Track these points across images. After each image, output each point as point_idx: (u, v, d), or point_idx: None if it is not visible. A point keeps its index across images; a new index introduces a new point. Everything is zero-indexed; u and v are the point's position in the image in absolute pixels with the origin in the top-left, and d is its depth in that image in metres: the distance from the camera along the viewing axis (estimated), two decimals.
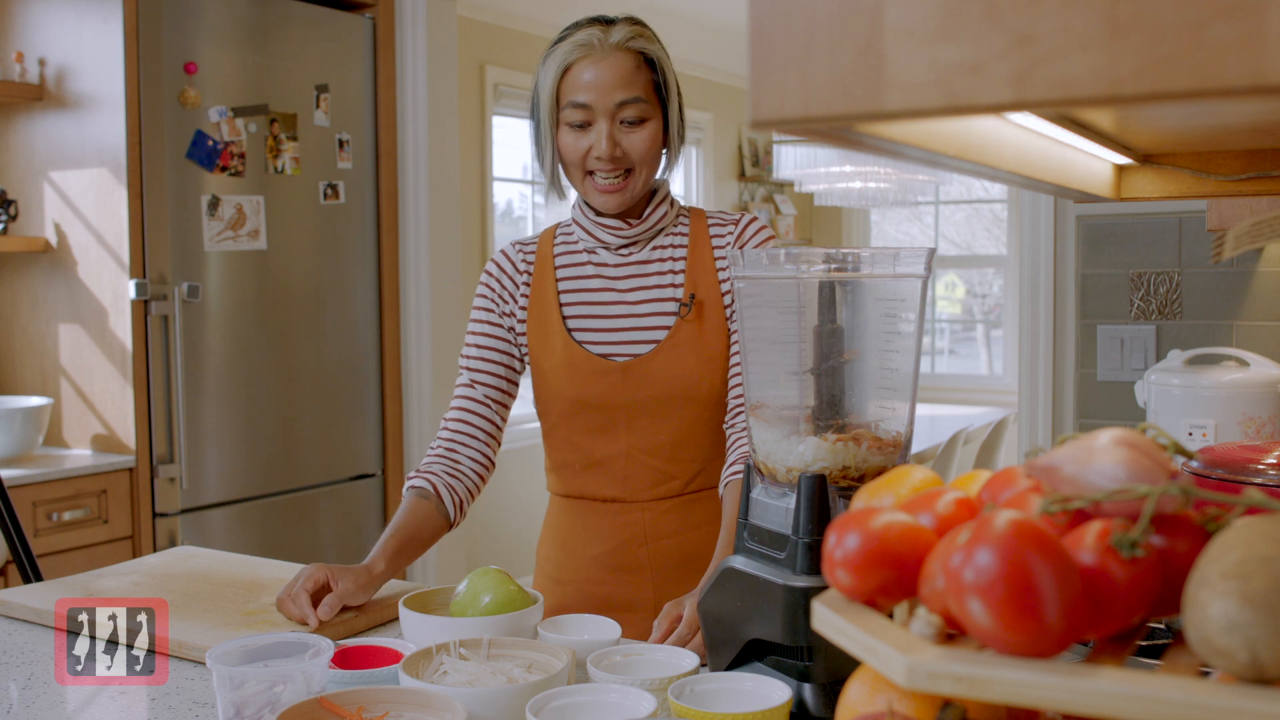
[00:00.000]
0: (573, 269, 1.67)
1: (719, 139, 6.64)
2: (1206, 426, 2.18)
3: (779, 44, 0.55)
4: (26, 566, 1.72)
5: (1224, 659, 0.56)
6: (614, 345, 1.62)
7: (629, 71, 1.55)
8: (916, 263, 1.10)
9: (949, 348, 7.37)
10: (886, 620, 0.69)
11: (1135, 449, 0.67)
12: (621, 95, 1.55)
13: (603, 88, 1.54)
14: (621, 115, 1.55)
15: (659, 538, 1.60)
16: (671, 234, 1.66)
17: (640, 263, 1.65)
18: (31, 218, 3.09)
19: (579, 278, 1.66)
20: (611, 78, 1.54)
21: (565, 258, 1.68)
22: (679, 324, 1.59)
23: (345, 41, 3.46)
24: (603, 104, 1.54)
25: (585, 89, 1.55)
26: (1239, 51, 0.46)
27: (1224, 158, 1.18)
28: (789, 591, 1.03)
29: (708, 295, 1.61)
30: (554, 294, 1.66)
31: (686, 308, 1.60)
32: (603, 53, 1.55)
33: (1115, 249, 2.67)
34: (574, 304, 1.65)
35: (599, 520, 1.62)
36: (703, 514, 1.61)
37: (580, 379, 1.61)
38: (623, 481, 1.61)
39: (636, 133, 1.56)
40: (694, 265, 1.63)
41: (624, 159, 1.57)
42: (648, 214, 1.64)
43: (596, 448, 1.62)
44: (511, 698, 1.01)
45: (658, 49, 1.60)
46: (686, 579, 1.58)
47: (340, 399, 3.48)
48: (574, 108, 1.56)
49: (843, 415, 1.11)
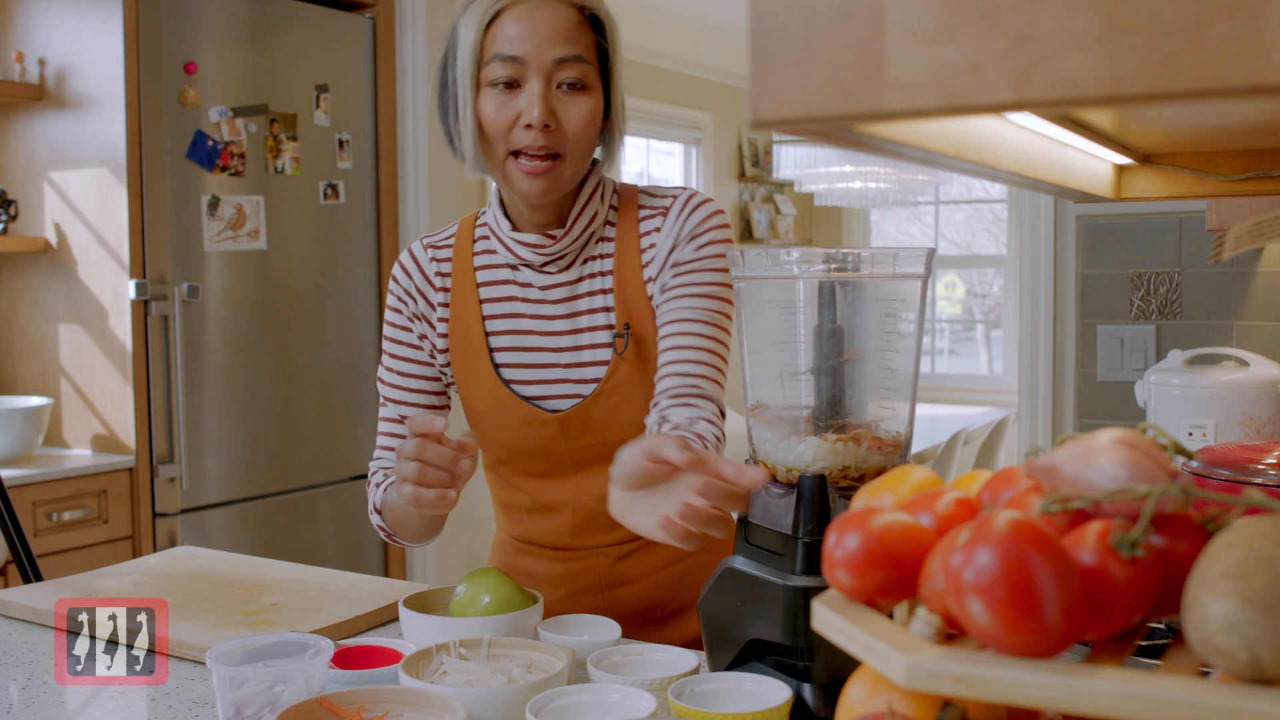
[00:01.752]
0: (495, 287, 1.41)
1: (719, 139, 6.64)
2: (1206, 426, 2.18)
3: (779, 44, 0.55)
4: (26, 566, 1.72)
5: (1224, 659, 0.56)
6: (547, 386, 1.39)
7: (571, 25, 1.29)
8: (916, 263, 1.10)
9: (949, 348, 7.37)
10: (886, 620, 0.69)
11: (1135, 449, 0.67)
12: (561, 50, 1.28)
13: (539, 39, 1.27)
14: (560, 75, 1.28)
15: (616, 585, 1.44)
16: (603, 238, 1.39)
17: (570, 283, 1.39)
18: (31, 218, 3.09)
19: (502, 299, 1.41)
20: (550, 29, 1.28)
21: (487, 272, 1.42)
22: (616, 363, 1.36)
23: (345, 41, 3.46)
24: (539, 58, 1.27)
25: (517, 40, 1.27)
26: (1239, 51, 0.46)
27: (1224, 158, 1.18)
28: (789, 591, 1.03)
29: (641, 319, 1.36)
30: (478, 321, 1.40)
31: (624, 341, 1.35)
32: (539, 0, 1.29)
33: (1115, 249, 2.67)
34: (500, 333, 1.40)
35: (551, 568, 1.45)
36: (666, 556, 1.43)
37: (513, 427, 1.39)
38: (573, 530, 1.42)
39: (576, 101, 1.29)
40: (622, 282, 1.37)
41: (557, 134, 1.29)
42: (573, 219, 1.36)
43: (542, 492, 1.42)
44: (511, 698, 1.01)
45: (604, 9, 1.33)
46: (651, 628, 1.44)
47: (340, 399, 3.48)
48: (501, 61, 1.27)
49: (843, 415, 1.11)
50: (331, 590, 1.51)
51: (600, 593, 1.45)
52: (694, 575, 1.45)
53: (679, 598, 1.45)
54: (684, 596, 1.45)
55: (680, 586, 1.45)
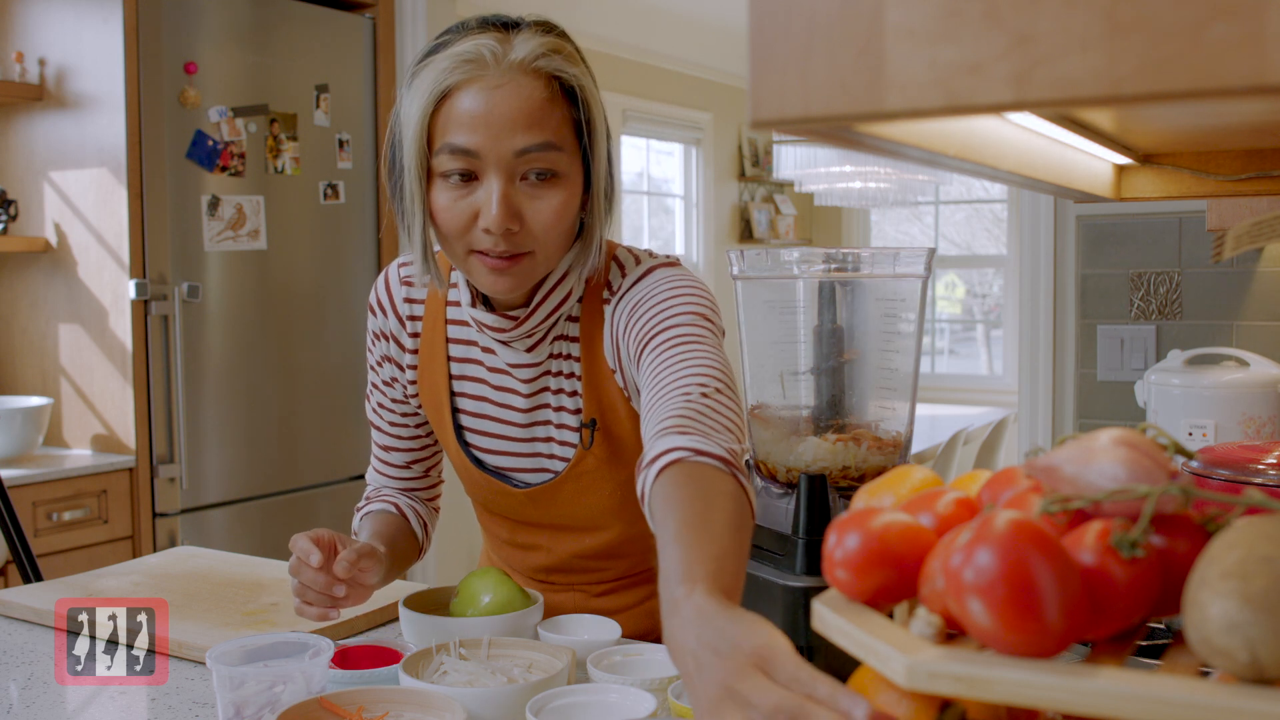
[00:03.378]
0: (464, 346, 1.30)
1: (719, 139, 6.64)
2: (1206, 426, 2.18)
3: (779, 44, 0.55)
4: (26, 566, 1.72)
5: (1224, 659, 0.56)
6: (514, 459, 1.30)
7: (537, 104, 1.09)
8: (916, 263, 1.10)
9: (949, 348, 7.37)
10: (886, 620, 0.69)
11: (1135, 449, 0.67)
12: (524, 140, 1.09)
13: (497, 127, 1.08)
14: (523, 167, 1.10)
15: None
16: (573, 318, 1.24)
17: (535, 364, 1.25)
18: (31, 218, 3.09)
19: (470, 361, 1.30)
20: (510, 112, 1.08)
21: (457, 328, 1.30)
22: (580, 454, 1.24)
23: (345, 41, 3.46)
24: (496, 151, 1.09)
25: (470, 127, 1.09)
26: (1239, 51, 0.46)
27: (1224, 158, 1.18)
28: (789, 591, 1.03)
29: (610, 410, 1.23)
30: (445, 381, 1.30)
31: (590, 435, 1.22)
32: (499, 74, 1.09)
33: (1115, 249, 2.67)
34: (467, 395, 1.30)
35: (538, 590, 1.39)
36: (648, 590, 1.39)
37: (481, 493, 1.33)
38: (548, 570, 1.39)
39: (544, 195, 1.11)
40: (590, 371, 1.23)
41: (522, 235, 1.11)
42: (536, 304, 1.19)
43: (519, 534, 1.37)
44: (511, 698, 1.01)
45: (581, 72, 1.13)
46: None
47: (340, 399, 3.48)
48: (453, 154, 1.09)
49: (843, 415, 1.11)
50: None
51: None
52: None
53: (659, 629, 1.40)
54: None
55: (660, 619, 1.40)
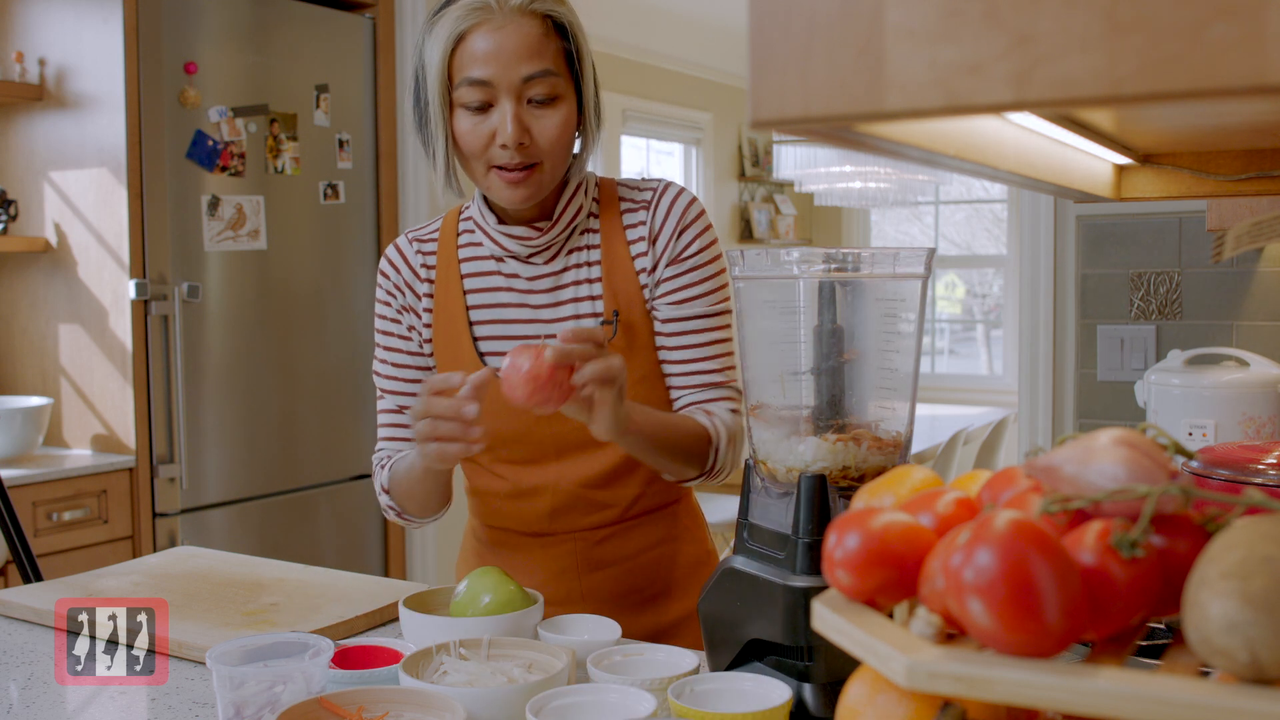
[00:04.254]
0: (480, 278, 1.44)
1: (719, 139, 6.64)
2: (1206, 426, 2.18)
3: (779, 44, 0.55)
4: (26, 566, 1.72)
5: (1224, 659, 0.56)
6: None
7: (535, 39, 1.30)
8: (916, 263, 1.10)
9: (949, 348, 7.37)
10: (886, 620, 0.69)
11: (1135, 449, 0.67)
12: (528, 68, 1.29)
13: (505, 59, 1.29)
14: (529, 92, 1.30)
15: (593, 570, 1.45)
16: (587, 229, 1.43)
17: (555, 274, 1.42)
18: (31, 218, 3.09)
19: (487, 290, 1.44)
20: (515, 47, 1.29)
21: (472, 264, 1.45)
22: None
23: (345, 41, 3.46)
24: (506, 79, 1.29)
25: (483, 62, 1.29)
26: (1239, 51, 0.46)
27: (1224, 158, 1.18)
28: (789, 591, 1.03)
29: (630, 305, 1.40)
30: (462, 312, 1.43)
31: (613, 327, 1.38)
32: (503, 17, 1.29)
33: (1115, 249, 2.67)
34: (485, 321, 1.43)
35: (528, 553, 1.47)
36: (643, 541, 1.46)
37: (497, 414, 1.36)
38: (551, 515, 1.44)
39: (548, 114, 1.32)
40: (610, 270, 1.40)
41: (532, 148, 1.32)
42: (559, 213, 1.40)
43: (522, 478, 1.43)
44: (511, 698, 1.01)
45: (569, 11, 1.35)
46: (630, 612, 1.44)
47: (340, 399, 3.48)
48: (471, 85, 1.30)
49: (843, 415, 1.11)
50: (331, 590, 1.51)
51: (578, 577, 1.46)
52: (671, 560, 1.48)
53: (656, 583, 1.47)
54: (661, 582, 1.48)
55: (657, 571, 1.47)
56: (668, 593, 1.48)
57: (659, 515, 1.47)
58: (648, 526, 1.46)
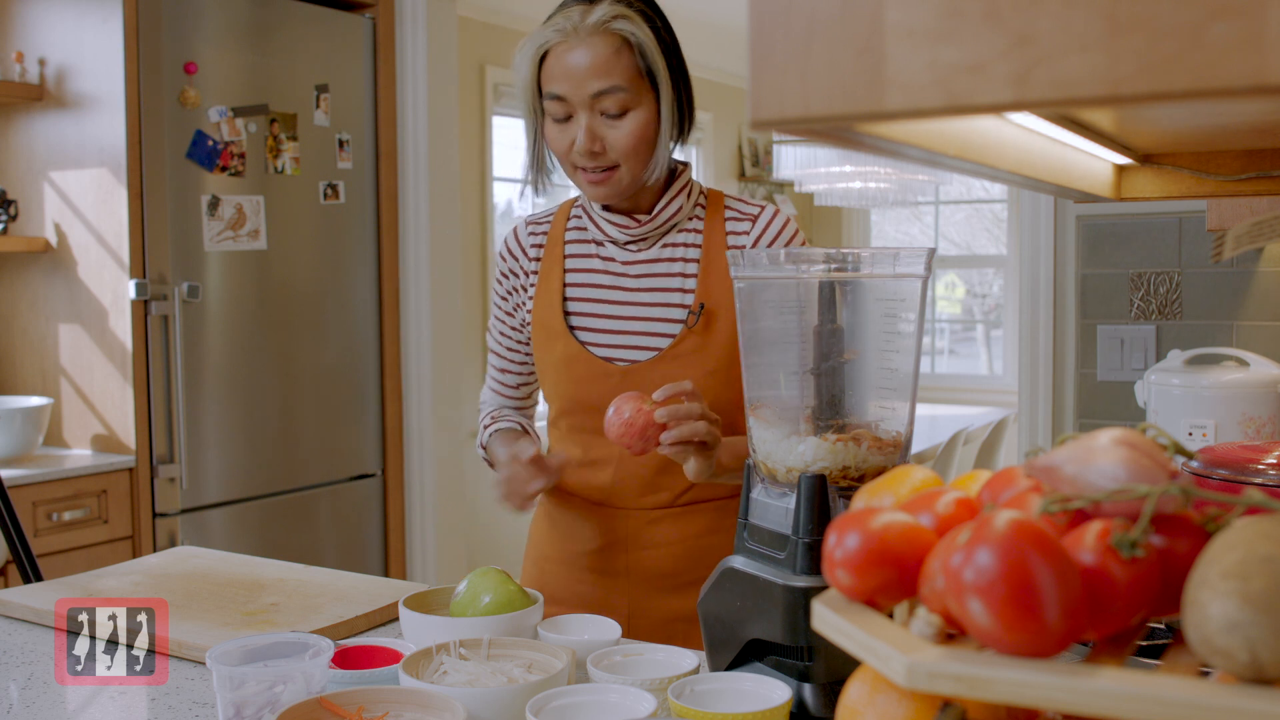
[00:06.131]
0: (581, 259, 1.60)
1: (719, 139, 6.64)
2: (1206, 426, 2.18)
3: (779, 44, 0.55)
4: (26, 566, 1.72)
5: (1224, 659, 0.56)
6: (615, 348, 1.55)
7: (606, 57, 1.42)
8: (916, 263, 1.10)
9: (949, 348, 7.37)
10: (886, 620, 0.69)
11: (1135, 449, 0.67)
12: (597, 85, 1.42)
13: (577, 77, 1.42)
14: (600, 106, 1.44)
15: (642, 547, 1.54)
16: (686, 229, 1.56)
17: (649, 261, 1.56)
18: (31, 218, 3.09)
19: (586, 270, 1.59)
20: (586, 65, 1.42)
21: (575, 246, 1.61)
22: (685, 333, 1.51)
23: (345, 41, 3.46)
24: (578, 95, 1.43)
25: (560, 79, 1.43)
26: (1239, 51, 0.46)
27: (1224, 158, 1.18)
28: (789, 591, 1.03)
29: (719, 302, 1.51)
30: (559, 286, 1.59)
31: (695, 317, 1.51)
32: (578, 37, 1.42)
33: (1115, 249, 2.67)
34: (579, 299, 1.58)
35: (586, 520, 1.58)
36: (692, 527, 1.54)
37: (578, 379, 1.54)
38: (611, 486, 1.55)
39: (619, 124, 1.45)
40: (707, 269, 1.54)
41: (606, 154, 1.46)
42: (659, 209, 1.54)
43: (593, 447, 1.56)
44: (511, 698, 1.01)
45: (641, 28, 1.45)
46: (666, 593, 1.53)
47: (340, 399, 3.48)
48: (552, 99, 1.45)
49: (843, 415, 1.11)
50: (331, 590, 1.51)
51: (626, 551, 1.55)
52: (715, 551, 1.53)
53: (694, 570, 1.53)
54: (699, 570, 1.52)
55: (702, 559, 1.53)
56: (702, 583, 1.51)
57: (709, 506, 1.55)
58: (698, 515, 1.55)
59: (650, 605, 1.53)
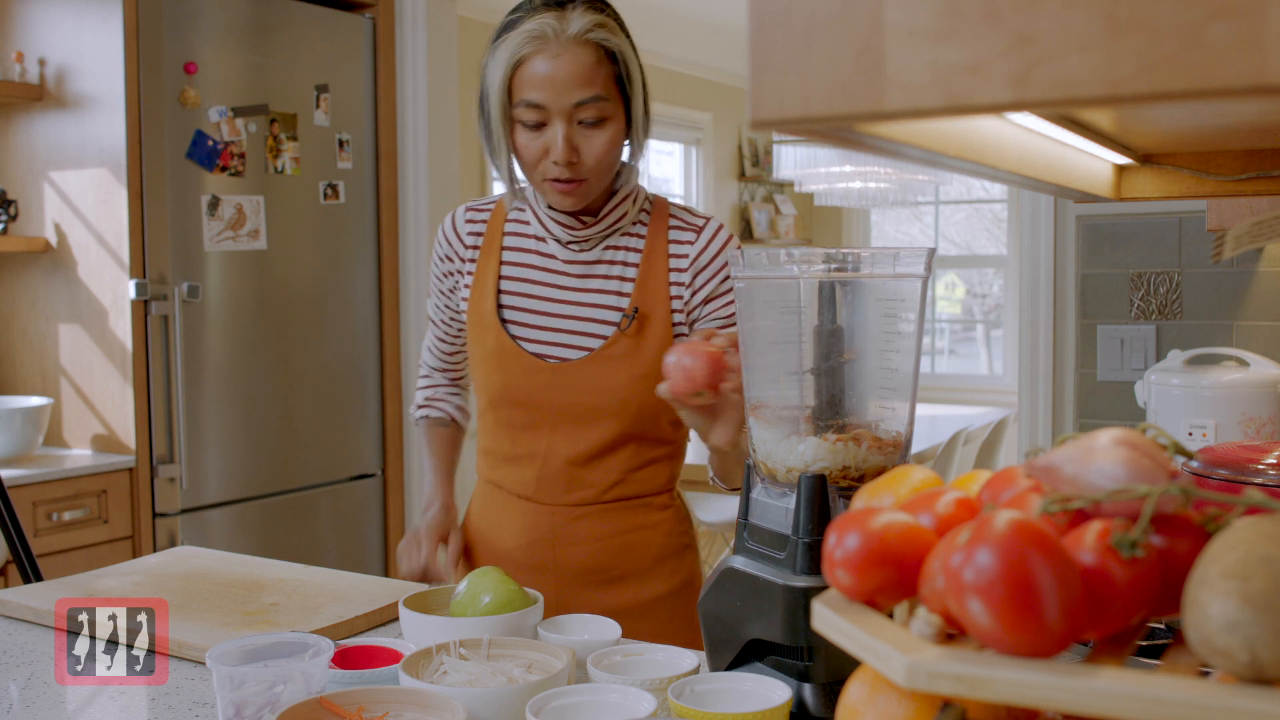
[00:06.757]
0: (519, 254, 1.59)
1: (719, 139, 6.64)
2: (1206, 426, 2.18)
3: (779, 44, 0.55)
4: (26, 566, 1.72)
5: (1224, 659, 0.56)
6: (548, 345, 1.55)
7: (588, 67, 1.41)
8: (916, 263, 1.10)
9: (949, 348, 7.37)
10: (886, 620, 0.69)
11: (1135, 449, 0.67)
12: (580, 94, 1.42)
13: (559, 86, 1.41)
14: (580, 116, 1.43)
15: (567, 543, 1.56)
16: (629, 233, 1.56)
17: (590, 262, 1.56)
18: (31, 218, 3.09)
19: (524, 265, 1.59)
20: (568, 75, 1.41)
21: (515, 239, 1.60)
22: (617, 336, 1.52)
23: (345, 41, 3.46)
24: (559, 104, 1.42)
25: (539, 87, 1.41)
26: (1239, 52, 0.46)
27: (1224, 158, 1.18)
28: (789, 591, 1.03)
29: (654, 309, 1.53)
30: (495, 279, 1.58)
31: (628, 320, 1.52)
32: (559, 46, 1.41)
33: (1115, 249, 2.67)
34: (514, 294, 1.58)
35: (513, 515, 1.59)
36: (616, 525, 1.56)
37: (508, 373, 1.55)
38: (536, 482, 1.57)
39: (596, 135, 1.44)
40: (645, 274, 1.54)
41: (580, 165, 1.45)
42: (605, 212, 1.54)
43: (520, 442, 1.57)
44: (511, 698, 1.01)
45: (620, 40, 1.46)
46: (593, 588, 1.56)
47: (340, 399, 3.48)
48: (528, 107, 1.43)
49: (843, 415, 1.11)
50: (331, 590, 1.51)
51: (551, 547, 1.57)
52: (640, 548, 1.58)
53: (621, 565, 1.57)
54: (625, 565, 1.58)
55: (623, 555, 1.57)
56: (630, 578, 1.58)
57: (635, 504, 1.57)
58: (622, 513, 1.56)
59: (578, 600, 1.54)
